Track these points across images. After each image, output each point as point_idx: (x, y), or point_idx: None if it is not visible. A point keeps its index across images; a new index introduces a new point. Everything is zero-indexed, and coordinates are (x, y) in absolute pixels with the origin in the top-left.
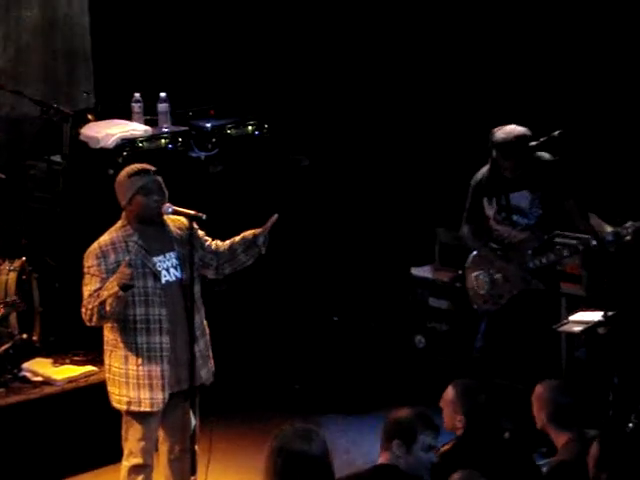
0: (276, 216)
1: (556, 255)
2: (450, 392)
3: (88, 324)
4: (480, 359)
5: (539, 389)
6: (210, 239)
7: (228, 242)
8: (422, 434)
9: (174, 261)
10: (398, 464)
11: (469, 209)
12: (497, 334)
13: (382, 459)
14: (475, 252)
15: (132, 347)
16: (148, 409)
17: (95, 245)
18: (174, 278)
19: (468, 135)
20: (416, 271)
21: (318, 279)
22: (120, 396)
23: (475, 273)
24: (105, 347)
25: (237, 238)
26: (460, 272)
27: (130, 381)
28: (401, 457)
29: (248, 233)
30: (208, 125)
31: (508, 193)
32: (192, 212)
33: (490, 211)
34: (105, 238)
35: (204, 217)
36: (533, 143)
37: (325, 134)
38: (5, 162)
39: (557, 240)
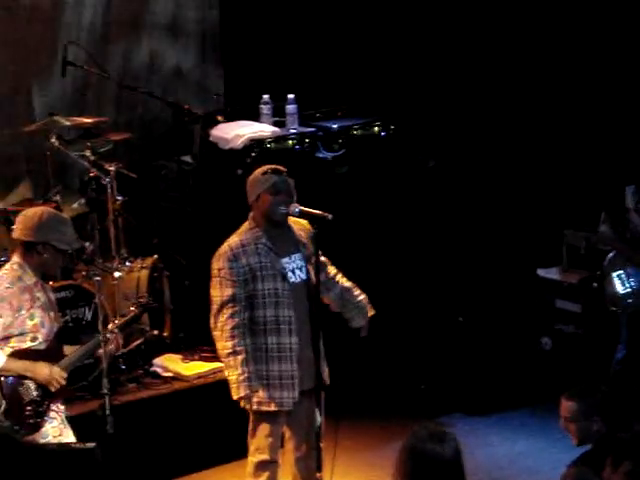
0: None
1: None
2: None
3: (212, 332)
4: (621, 370)
5: None
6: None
7: (346, 289)
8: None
9: (299, 262)
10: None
11: (610, 198)
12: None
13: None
14: (612, 253)
15: (262, 348)
16: (277, 409)
17: (226, 247)
18: (299, 279)
19: (597, 138)
20: (543, 273)
21: (444, 280)
22: None
23: (617, 273)
24: None
25: (350, 300)
26: (598, 273)
27: (260, 381)
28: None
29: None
30: (335, 126)
31: None
32: (319, 212)
33: (631, 200)
34: (235, 240)
35: (330, 217)
36: None
37: (452, 135)
38: (137, 162)
39: None
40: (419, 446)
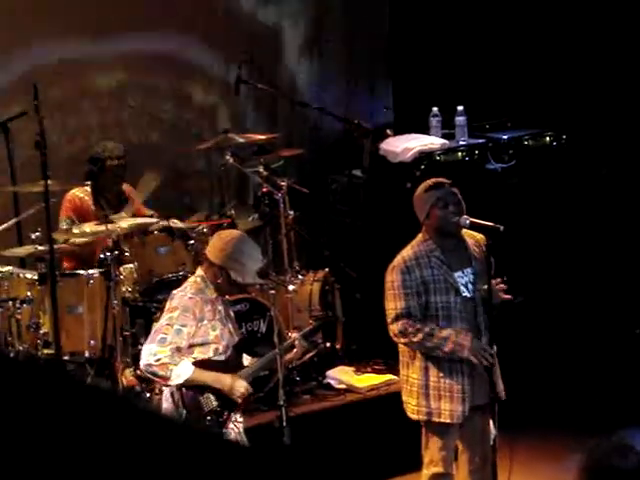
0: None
1: None
2: None
3: (395, 340)
4: None
5: None
6: None
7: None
8: None
9: (471, 277)
10: None
11: None
12: None
13: None
14: None
15: (433, 359)
16: (448, 420)
17: (399, 259)
18: (471, 294)
19: None
20: None
21: (621, 291)
22: (419, 407)
23: None
24: (402, 358)
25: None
26: None
27: (430, 392)
28: None
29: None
30: (505, 137)
31: None
32: (490, 224)
33: None
34: (409, 252)
35: (501, 229)
36: None
37: (625, 142)
38: (308, 177)
39: None
40: (601, 460)
